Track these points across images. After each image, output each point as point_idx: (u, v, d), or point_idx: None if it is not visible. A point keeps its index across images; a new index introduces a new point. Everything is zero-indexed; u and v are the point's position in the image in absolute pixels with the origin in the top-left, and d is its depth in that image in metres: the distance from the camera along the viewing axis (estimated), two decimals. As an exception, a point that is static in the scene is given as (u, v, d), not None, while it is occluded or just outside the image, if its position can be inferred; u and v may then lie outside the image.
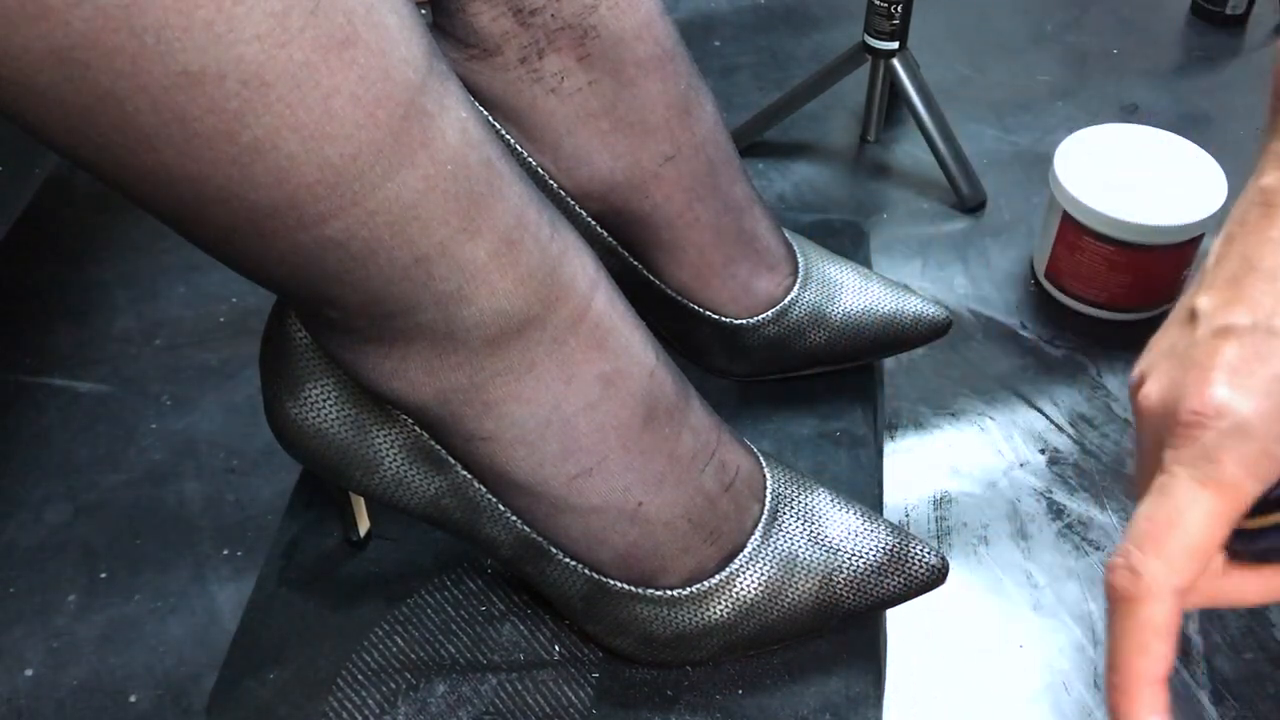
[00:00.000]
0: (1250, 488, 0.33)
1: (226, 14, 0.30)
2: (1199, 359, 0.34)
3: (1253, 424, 0.32)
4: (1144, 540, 0.33)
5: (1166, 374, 0.35)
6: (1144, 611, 0.33)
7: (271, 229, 0.35)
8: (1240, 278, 0.35)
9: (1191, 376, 0.34)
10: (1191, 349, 0.35)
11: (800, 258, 0.59)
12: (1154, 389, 0.35)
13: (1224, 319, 0.34)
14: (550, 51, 0.51)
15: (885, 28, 0.83)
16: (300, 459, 0.46)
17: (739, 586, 0.47)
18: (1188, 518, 0.33)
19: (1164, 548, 0.33)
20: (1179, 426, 0.33)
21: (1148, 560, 0.33)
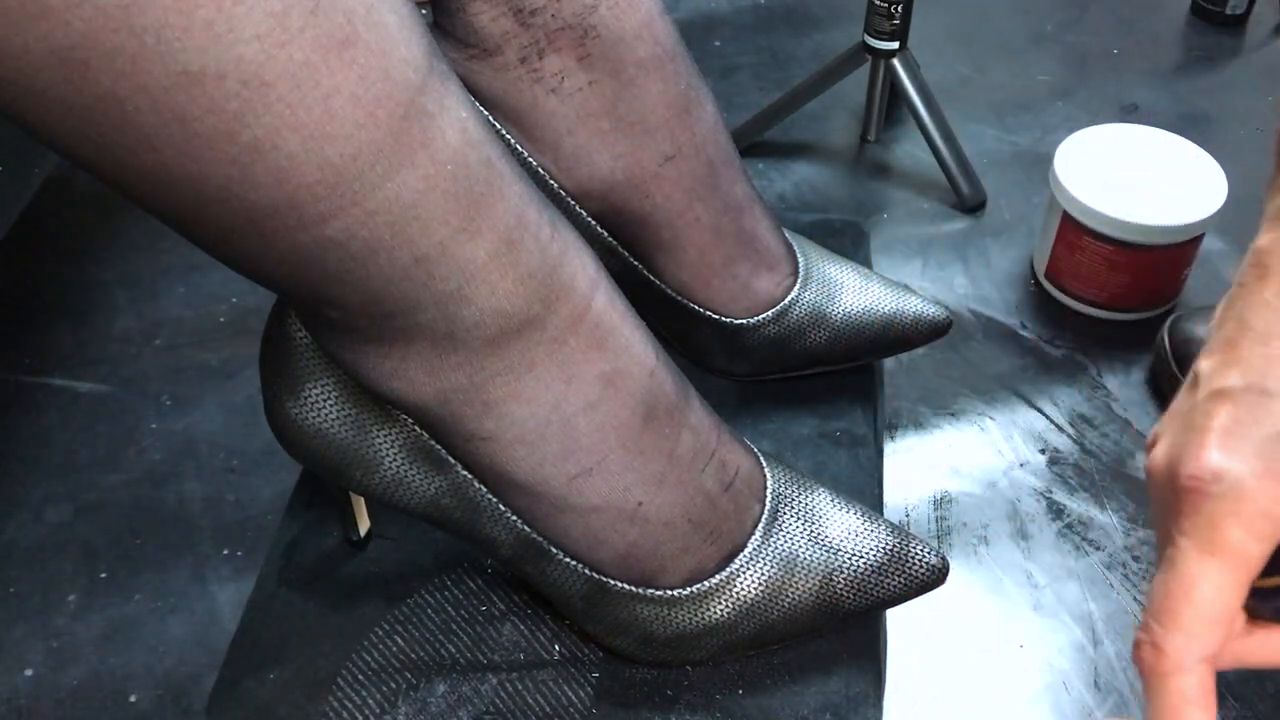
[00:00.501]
0: (1255, 549, 0.33)
1: (226, 14, 0.30)
2: (1197, 422, 0.34)
3: (1247, 485, 0.33)
4: (1162, 615, 0.34)
5: (1170, 438, 0.36)
6: (1174, 684, 0.33)
7: (271, 229, 0.35)
8: (1235, 340, 0.35)
9: (1189, 441, 0.34)
10: (1191, 413, 0.35)
11: (800, 258, 0.59)
12: (1160, 453, 0.36)
13: (1219, 382, 0.35)
14: (550, 51, 0.51)
15: (885, 28, 0.83)
16: (300, 459, 0.46)
17: (739, 586, 0.47)
18: (1200, 589, 0.33)
19: (1182, 620, 0.33)
20: (1181, 492, 0.34)
21: (1169, 635, 0.33)
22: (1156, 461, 0.36)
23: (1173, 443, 0.35)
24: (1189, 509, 0.33)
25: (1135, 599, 0.56)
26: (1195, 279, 0.74)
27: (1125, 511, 0.61)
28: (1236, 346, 0.35)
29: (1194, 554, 0.33)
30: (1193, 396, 0.36)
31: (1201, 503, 0.33)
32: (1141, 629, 0.34)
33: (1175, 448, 0.35)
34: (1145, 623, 0.34)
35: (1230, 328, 0.36)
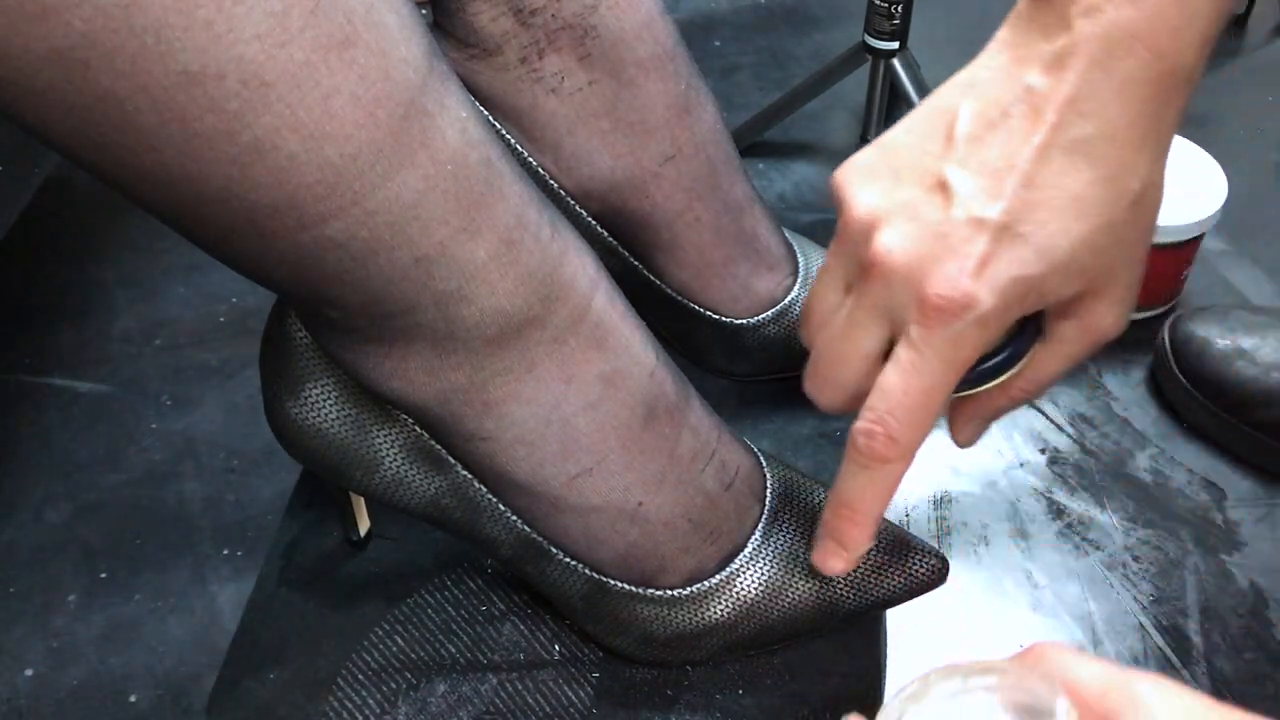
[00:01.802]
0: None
1: (226, 14, 0.30)
2: (953, 243, 0.37)
3: (990, 319, 0.37)
4: (900, 411, 0.38)
5: (912, 239, 0.37)
6: (894, 469, 0.40)
7: (271, 229, 0.35)
8: (1001, 173, 0.37)
9: (944, 260, 0.37)
10: (944, 227, 0.37)
11: (800, 258, 0.59)
12: (896, 245, 0.38)
13: (978, 209, 0.37)
14: (550, 51, 0.51)
15: (885, 28, 0.83)
16: (300, 459, 0.46)
17: (739, 586, 0.47)
18: (936, 394, 0.38)
19: (916, 418, 0.38)
20: (927, 305, 0.37)
21: (905, 430, 0.38)
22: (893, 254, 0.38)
23: (919, 248, 0.37)
24: (932, 322, 0.37)
25: (1135, 599, 0.57)
26: (1195, 279, 0.74)
27: (1125, 511, 0.61)
28: (1001, 179, 0.37)
29: (936, 364, 0.37)
30: (942, 206, 0.37)
31: (948, 322, 0.37)
32: (873, 419, 0.39)
33: (926, 258, 0.37)
34: (879, 415, 0.38)
35: (994, 155, 0.37)
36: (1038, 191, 0.37)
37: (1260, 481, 0.62)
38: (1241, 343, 0.63)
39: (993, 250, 0.37)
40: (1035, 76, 0.37)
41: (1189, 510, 0.61)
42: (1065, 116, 0.36)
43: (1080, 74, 0.36)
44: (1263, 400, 0.61)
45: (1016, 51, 0.38)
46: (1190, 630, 0.55)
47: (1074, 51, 0.36)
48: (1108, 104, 0.36)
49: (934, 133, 0.39)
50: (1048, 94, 0.37)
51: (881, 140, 0.41)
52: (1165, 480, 0.62)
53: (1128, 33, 0.35)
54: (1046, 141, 0.37)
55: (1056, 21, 0.36)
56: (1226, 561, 0.58)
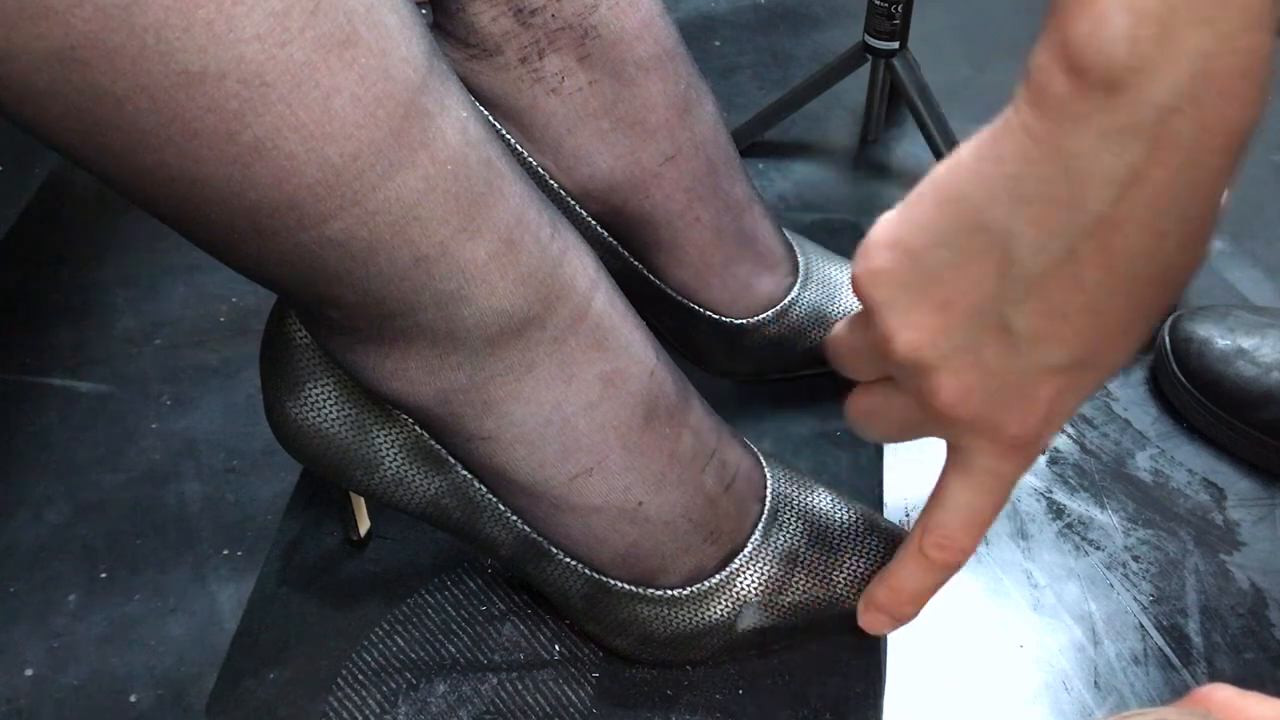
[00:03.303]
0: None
1: (226, 14, 0.30)
2: (1023, 390, 0.35)
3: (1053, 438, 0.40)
4: (970, 526, 0.41)
5: (979, 389, 0.36)
6: (951, 572, 0.43)
7: (271, 229, 0.35)
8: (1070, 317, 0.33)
9: (1015, 406, 0.36)
10: (1011, 376, 0.35)
11: (800, 258, 0.59)
12: (962, 397, 0.36)
13: (1050, 358, 0.34)
14: (550, 51, 0.51)
15: (885, 28, 0.83)
16: (300, 459, 0.46)
17: (739, 586, 0.47)
18: (1001, 506, 0.41)
19: (982, 530, 0.41)
20: (1001, 447, 0.37)
21: (972, 541, 0.41)
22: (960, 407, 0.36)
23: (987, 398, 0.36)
24: (1006, 458, 0.38)
25: (1135, 599, 0.57)
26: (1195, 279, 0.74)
27: (1125, 511, 0.61)
28: (1069, 324, 0.33)
29: (1004, 487, 0.39)
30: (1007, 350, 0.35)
31: (1022, 454, 0.38)
32: (945, 535, 0.41)
33: (995, 406, 0.36)
34: (951, 532, 0.41)
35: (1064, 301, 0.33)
36: (1107, 322, 0.34)
37: (1260, 481, 0.62)
38: (1241, 343, 0.63)
39: (1062, 388, 0.35)
40: (1109, 204, 0.31)
41: (1189, 510, 0.61)
42: (1142, 245, 0.31)
43: (1160, 193, 0.30)
44: (1263, 400, 0.61)
45: (1071, 159, 0.30)
46: (1190, 630, 0.55)
47: (1153, 166, 0.30)
48: (1185, 212, 0.31)
49: (980, 256, 0.33)
50: (1123, 226, 0.31)
51: (908, 244, 0.35)
52: (1165, 480, 0.62)
53: (1209, 122, 0.30)
54: (1122, 275, 0.32)
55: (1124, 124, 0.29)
56: (1226, 561, 0.58)
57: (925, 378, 0.36)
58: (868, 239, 0.37)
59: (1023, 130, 0.31)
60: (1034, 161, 0.31)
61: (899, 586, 0.44)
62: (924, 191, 0.35)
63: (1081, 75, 0.29)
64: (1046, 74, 0.30)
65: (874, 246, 0.36)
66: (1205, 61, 0.28)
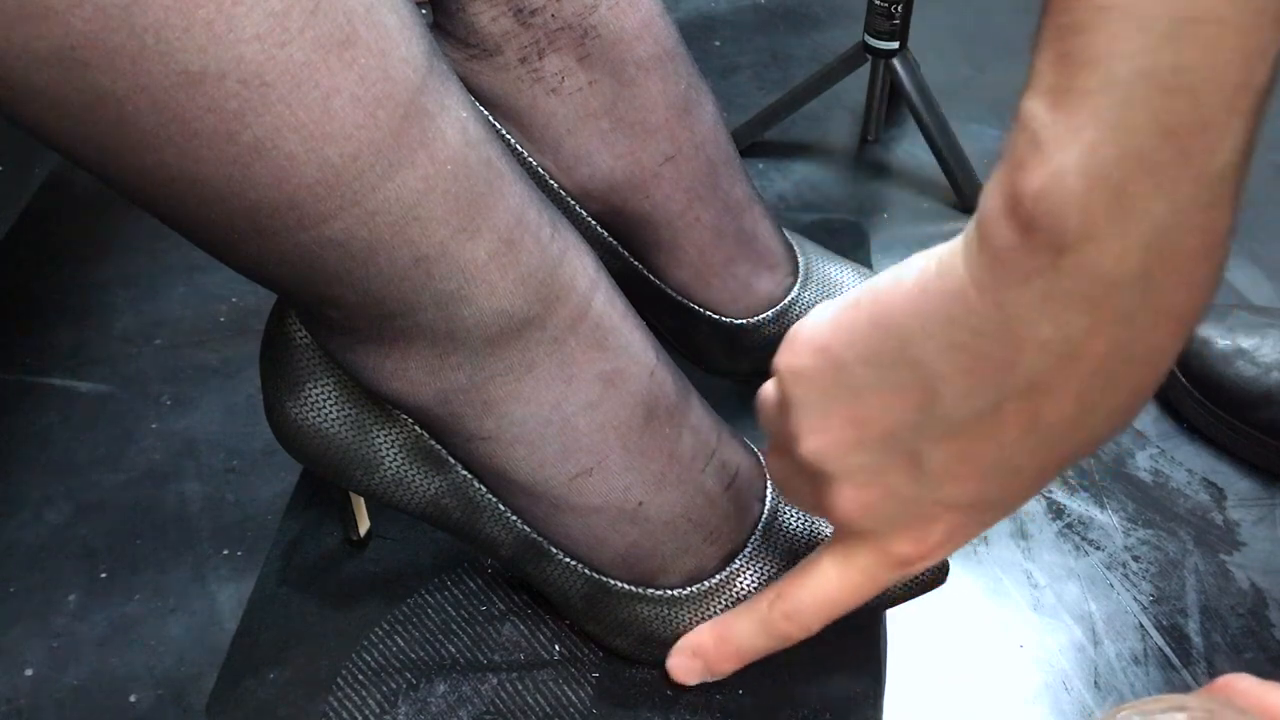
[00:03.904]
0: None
1: (226, 14, 0.30)
2: (921, 518, 0.36)
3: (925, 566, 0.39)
4: (822, 612, 0.42)
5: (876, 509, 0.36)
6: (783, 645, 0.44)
7: (271, 229, 0.35)
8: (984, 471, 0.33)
9: (910, 529, 0.37)
10: (911, 505, 0.36)
11: (800, 258, 0.59)
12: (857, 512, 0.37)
13: (954, 496, 0.35)
14: (550, 51, 0.51)
15: (885, 28, 0.83)
16: (300, 459, 0.46)
17: (739, 586, 0.47)
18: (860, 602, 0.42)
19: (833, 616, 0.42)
20: (887, 555, 0.38)
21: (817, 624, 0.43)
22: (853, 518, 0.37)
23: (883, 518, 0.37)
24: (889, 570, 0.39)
25: (1135, 599, 0.57)
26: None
27: (1125, 511, 0.61)
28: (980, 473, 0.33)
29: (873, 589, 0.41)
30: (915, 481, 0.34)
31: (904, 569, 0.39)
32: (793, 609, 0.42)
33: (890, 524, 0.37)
34: (802, 608, 0.42)
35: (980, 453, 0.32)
36: (1020, 476, 0.33)
37: (1260, 481, 0.62)
38: (1241, 343, 0.63)
39: (959, 524, 0.37)
40: (1043, 370, 0.29)
41: (1189, 510, 0.61)
42: (1069, 411, 0.30)
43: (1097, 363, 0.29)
44: (1263, 400, 0.61)
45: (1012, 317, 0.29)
46: (1190, 630, 0.55)
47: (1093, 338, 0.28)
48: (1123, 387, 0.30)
49: (904, 390, 0.32)
50: (1053, 392, 0.30)
51: (833, 351, 0.34)
52: (1165, 480, 0.62)
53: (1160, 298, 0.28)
54: (1043, 439, 0.31)
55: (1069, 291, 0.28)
56: (1226, 561, 0.58)
57: (826, 484, 0.37)
58: (797, 332, 0.36)
59: (968, 275, 0.30)
60: (974, 311, 0.30)
61: (729, 638, 0.44)
62: (861, 302, 0.34)
63: (1029, 233, 0.27)
64: (995, 223, 0.28)
65: (801, 344, 0.36)
66: (1160, 237, 0.27)
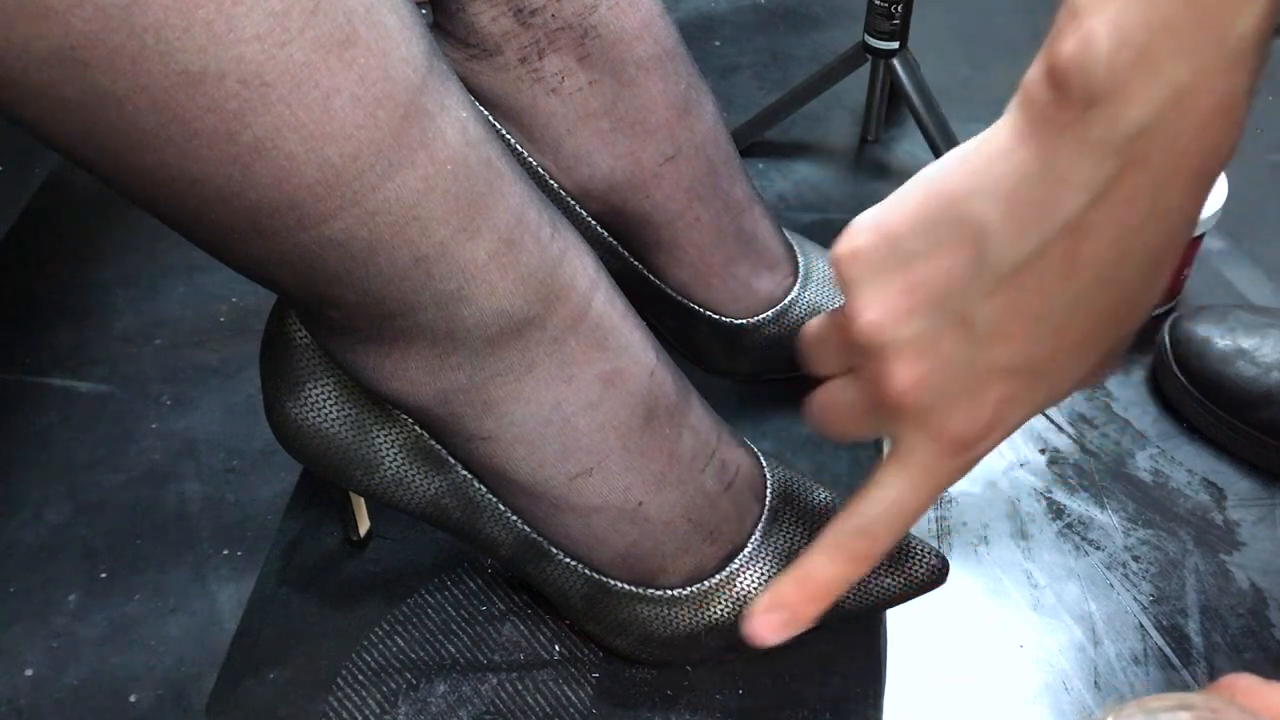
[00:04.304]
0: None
1: (226, 14, 0.30)
2: (973, 388, 0.36)
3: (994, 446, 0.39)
4: (893, 522, 0.40)
5: (931, 379, 0.36)
6: (869, 565, 0.42)
7: (271, 229, 0.35)
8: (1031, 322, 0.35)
9: (963, 404, 0.37)
10: (964, 370, 0.36)
11: (800, 257, 0.59)
12: (913, 385, 0.37)
13: (1005, 359, 0.35)
14: (550, 51, 0.51)
15: (885, 28, 0.83)
16: (300, 459, 0.46)
17: (739, 586, 0.47)
18: (926, 508, 0.40)
19: (903, 529, 0.41)
20: (942, 444, 0.38)
21: (890, 538, 0.41)
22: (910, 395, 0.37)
23: (937, 390, 0.37)
24: (945, 457, 0.38)
25: (1135, 599, 0.57)
26: (1195, 279, 0.74)
27: (1125, 511, 0.61)
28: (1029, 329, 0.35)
29: (935, 487, 0.39)
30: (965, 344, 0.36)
31: (960, 455, 0.38)
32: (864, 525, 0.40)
33: (943, 399, 0.37)
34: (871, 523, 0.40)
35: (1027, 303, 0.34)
36: (1064, 334, 0.35)
37: (1260, 481, 0.62)
38: (1241, 343, 0.63)
39: (1010, 395, 0.36)
40: (1080, 210, 0.32)
41: (1189, 510, 0.61)
42: (1108, 255, 0.33)
43: (1129, 208, 0.32)
44: (1263, 400, 0.61)
45: (1050, 166, 0.32)
46: (1190, 630, 0.55)
47: (1125, 182, 0.31)
48: (1151, 235, 0.33)
49: (955, 247, 0.35)
50: (1091, 231, 0.32)
51: (888, 228, 0.37)
52: (1165, 480, 0.62)
53: (1181, 152, 0.31)
54: (1083, 284, 0.34)
55: (1101, 138, 0.31)
56: (1226, 561, 0.58)
57: (881, 361, 0.37)
58: (853, 222, 0.38)
59: (1011, 132, 0.33)
60: (1017, 161, 0.33)
61: (808, 577, 0.42)
62: (912, 184, 0.36)
63: (1063, 89, 0.31)
64: (1036, 85, 0.32)
65: (856, 228, 0.38)
66: (1181, 92, 0.30)
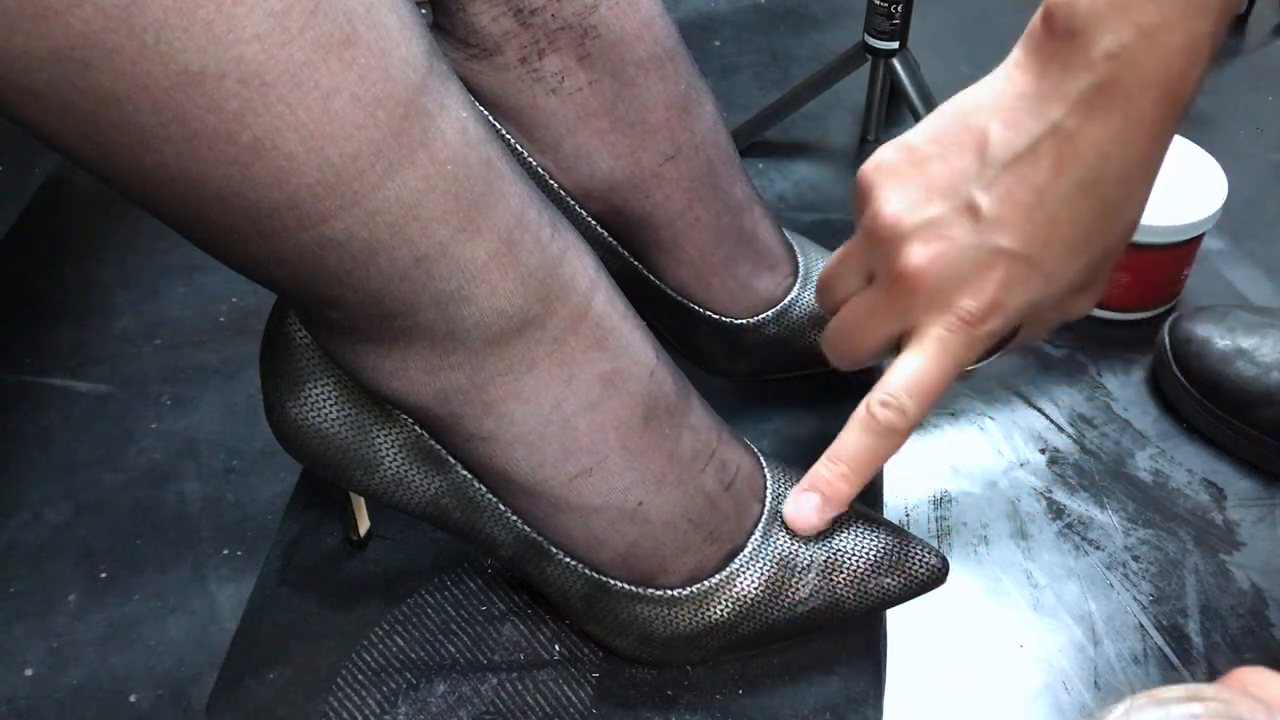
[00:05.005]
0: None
1: (226, 14, 0.30)
2: (978, 267, 0.42)
3: (1000, 330, 0.43)
4: (915, 391, 0.43)
5: (942, 258, 0.42)
6: (897, 440, 0.45)
7: (271, 229, 0.35)
8: (1027, 209, 0.41)
9: (970, 281, 0.42)
10: (971, 252, 0.42)
11: (800, 257, 0.59)
12: (927, 262, 0.42)
13: (1006, 240, 0.41)
14: (550, 51, 0.51)
15: (885, 28, 0.83)
16: (300, 459, 0.46)
17: (739, 586, 0.47)
18: (946, 382, 0.44)
19: (927, 399, 0.44)
20: (953, 317, 0.42)
21: (915, 407, 0.44)
22: (924, 272, 0.42)
23: (948, 268, 0.42)
24: (956, 330, 0.43)
25: (1135, 599, 0.57)
26: (1195, 279, 0.74)
27: (1125, 511, 0.61)
28: (1026, 215, 0.41)
29: (950, 361, 0.43)
30: (970, 228, 0.41)
31: (969, 332, 0.43)
32: (890, 395, 0.44)
33: (953, 277, 0.42)
34: (896, 393, 0.44)
35: (1024, 191, 0.41)
36: (1056, 228, 0.41)
37: (1260, 481, 0.62)
38: (1241, 343, 0.63)
39: (1012, 277, 0.42)
40: (1063, 115, 0.39)
41: (1189, 510, 0.61)
42: (1089, 158, 0.39)
43: (1104, 118, 0.39)
44: (1263, 400, 0.61)
45: (1041, 83, 0.40)
46: (1190, 630, 0.55)
47: (1098, 95, 0.38)
48: (1127, 146, 0.39)
49: (963, 149, 0.42)
50: (1074, 135, 0.39)
51: (908, 142, 0.43)
52: (1165, 480, 0.63)
53: (1148, 77, 0.38)
54: (1070, 182, 0.40)
55: (1079, 61, 0.39)
56: (1226, 561, 0.58)
57: (899, 247, 0.43)
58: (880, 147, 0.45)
59: (1011, 62, 0.41)
60: (1015, 82, 0.41)
61: (838, 456, 0.46)
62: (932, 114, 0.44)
63: (1052, 23, 0.39)
64: (1034, 25, 0.40)
65: (882, 148, 0.44)
66: (1148, 29, 0.37)
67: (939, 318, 0.43)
